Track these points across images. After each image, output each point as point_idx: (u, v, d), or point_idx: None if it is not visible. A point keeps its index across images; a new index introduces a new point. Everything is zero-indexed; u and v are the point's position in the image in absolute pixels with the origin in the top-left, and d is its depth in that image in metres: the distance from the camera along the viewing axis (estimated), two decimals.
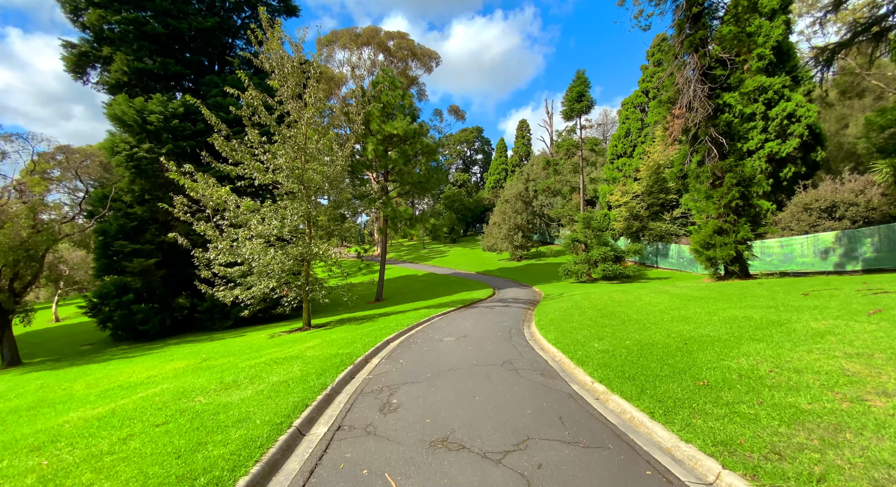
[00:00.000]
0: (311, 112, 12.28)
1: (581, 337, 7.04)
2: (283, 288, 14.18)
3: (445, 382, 5.26)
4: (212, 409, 4.23)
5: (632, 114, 33.30)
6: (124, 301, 19.01)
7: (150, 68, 20.06)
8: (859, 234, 16.29)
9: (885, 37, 14.80)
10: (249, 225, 12.04)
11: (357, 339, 8.12)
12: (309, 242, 13.42)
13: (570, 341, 6.90)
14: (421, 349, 7.38)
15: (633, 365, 5.11)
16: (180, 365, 8.90)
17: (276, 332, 14.76)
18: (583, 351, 6.12)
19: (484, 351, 6.99)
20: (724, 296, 9.16)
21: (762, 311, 6.68)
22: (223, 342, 14.10)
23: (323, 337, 9.63)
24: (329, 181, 14.12)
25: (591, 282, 23.31)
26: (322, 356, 6.63)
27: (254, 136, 12.67)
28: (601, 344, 6.43)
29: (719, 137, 12.37)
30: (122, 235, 19.43)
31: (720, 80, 12.23)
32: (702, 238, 13.63)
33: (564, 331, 7.71)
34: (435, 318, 11.92)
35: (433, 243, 58.11)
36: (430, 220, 24.30)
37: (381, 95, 23.24)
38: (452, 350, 7.15)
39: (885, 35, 14.80)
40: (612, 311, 9.21)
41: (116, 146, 18.61)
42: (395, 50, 46.06)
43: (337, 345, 7.54)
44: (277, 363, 6.22)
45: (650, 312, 8.35)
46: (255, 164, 12.85)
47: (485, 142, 78.36)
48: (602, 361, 5.47)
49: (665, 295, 10.68)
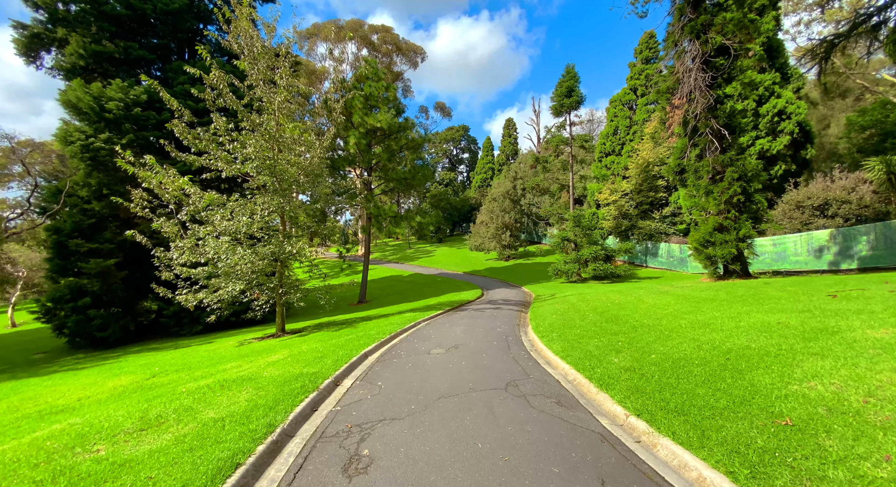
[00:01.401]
0: (284, 96, 11.09)
1: (593, 349, 6.09)
2: (255, 290, 12.96)
3: (435, 418, 4.08)
4: (102, 472, 3.02)
5: (620, 111, 32.90)
6: (80, 305, 17.38)
7: (110, 52, 18.44)
8: (855, 232, 15.95)
9: (881, 29, 14.47)
10: (213, 220, 10.80)
11: (329, 352, 6.98)
12: (282, 240, 12.23)
13: (582, 354, 5.94)
14: (404, 365, 6.29)
15: (673, 389, 4.11)
16: (124, 381, 7.66)
17: (246, 339, 13.51)
18: (602, 369, 5.15)
19: (480, 367, 5.96)
20: (735, 298, 8.42)
21: (797, 316, 5.87)
22: (186, 351, 12.79)
23: (293, 347, 8.47)
24: (305, 173, 12.94)
25: (581, 282, 22.65)
26: (282, 377, 5.46)
27: (220, 123, 11.44)
28: (621, 358, 5.48)
29: (721, 129, 11.72)
30: (77, 233, 17.77)
31: (722, 69, 11.58)
32: (701, 235, 12.98)
33: (570, 340, 6.77)
34: (421, 324, 10.88)
35: (419, 243, 57.02)
36: (417, 218, 23.25)
37: (363, 87, 22.06)
38: (443, 366, 6.08)
39: (881, 28, 14.47)
40: (617, 315, 8.35)
41: (70, 135, 16.97)
42: (380, 44, 44.81)
43: (303, 361, 6.41)
44: (225, 387, 5.06)
45: (660, 316, 7.51)
46: (222, 154, 11.61)
47: (471, 141, 77.62)
48: (631, 383, 4.49)
49: (668, 296, 9.91)
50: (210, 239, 11.15)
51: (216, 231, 10.98)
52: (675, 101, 12.28)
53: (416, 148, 24.14)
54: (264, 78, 11.55)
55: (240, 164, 11.69)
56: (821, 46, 14.65)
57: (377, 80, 22.75)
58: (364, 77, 22.65)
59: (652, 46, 31.89)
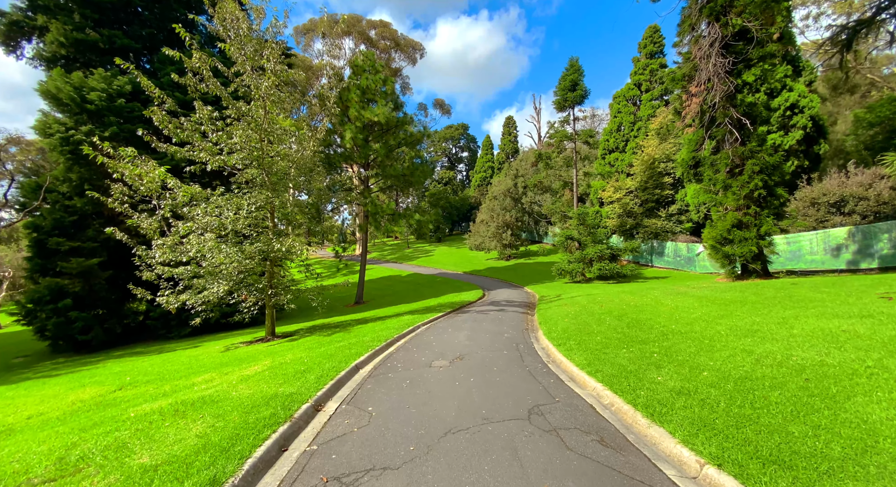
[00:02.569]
0: (272, 81, 10.24)
1: (625, 362, 5.19)
2: (242, 291, 12.12)
3: (441, 467, 3.09)
4: None
5: (624, 107, 32.15)
6: (60, 307, 16.48)
7: (93, 41, 17.54)
8: (875, 230, 15.19)
9: None
10: (193, 216, 9.96)
11: (315, 364, 6.02)
12: (272, 238, 11.38)
13: (613, 368, 5.01)
14: (401, 382, 5.33)
15: (754, 425, 3.14)
16: (87, 395, 6.82)
17: (234, 343, 12.66)
18: (646, 391, 4.19)
19: (492, 384, 5.01)
20: (766, 300, 7.63)
21: (860, 323, 5.05)
22: (168, 356, 11.94)
23: (277, 355, 7.61)
24: (297, 167, 12.10)
25: (585, 282, 21.86)
26: (251, 400, 4.47)
27: (203, 111, 10.59)
28: (664, 375, 4.55)
29: (741, 118, 10.93)
30: (58, 231, 16.88)
31: (743, 54, 10.78)
32: (718, 233, 12.18)
33: (593, 350, 5.90)
34: (420, 328, 10.03)
35: (418, 242, 56.20)
36: (416, 216, 22.40)
37: (360, 79, 21.21)
38: (447, 384, 5.13)
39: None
40: (638, 319, 7.54)
41: (49, 128, 16.08)
42: (377, 39, 43.94)
43: (283, 376, 5.47)
44: (179, 413, 4.14)
45: (689, 320, 6.70)
46: (206, 145, 10.76)
47: (470, 140, 76.77)
48: (691, 414, 3.53)
49: (688, 298, 9.11)
50: (192, 236, 10.32)
51: (197, 227, 10.12)
52: (693, 89, 11.49)
53: (415, 143, 23.30)
54: (252, 63, 10.71)
55: (225, 156, 10.85)
56: (842, 33, 13.88)
57: (374, 73, 21.90)
58: (361, 69, 21.80)
59: (656, 40, 31.14)
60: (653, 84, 30.77)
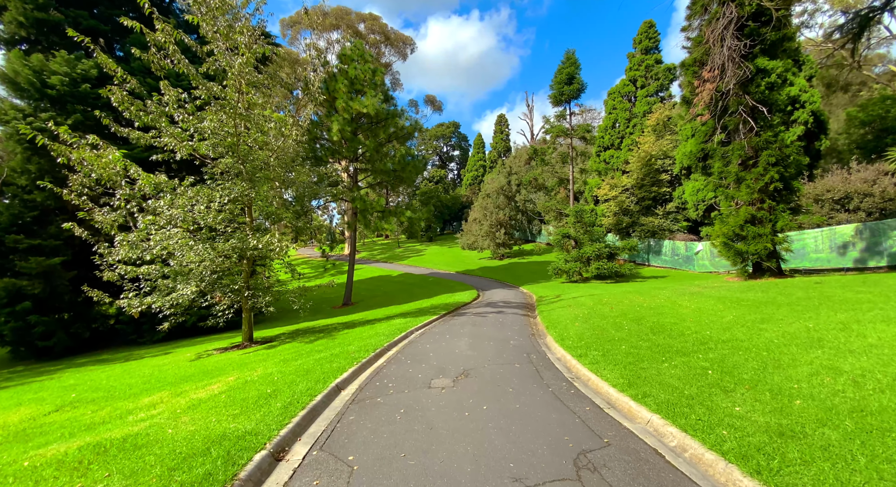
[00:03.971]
0: (247, 57, 9.15)
1: (675, 382, 4.17)
2: (216, 293, 11.00)
3: None
4: None
5: (619, 104, 31.57)
6: (18, 310, 15.11)
7: (56, 21, 16.16)
8: (885, 227, 14.65)
9: None
10: (155, 208, 8.85)
11: (285, 385, 4.89)
12: (248, 235, 10.29)
13: (665, 391, 3.94)
14: (393, 413, 4.17)
15: None
16: (18, 416, 5.71)
17: (207, 350, 11.55)
18: (731, 432, 3.10)
19: (514, 418, 3.85)
20: (800, 301, 6.84)
21: None
22: (131, 366, 10.78)
23: (248, 368, 6.55)
24: (277, 156, 11.02)
25: (583, 282, 21.11)
26: (190, 444, 3.31)
27: (169, 92, 9.47)
28: (742, 404, 3.50)
29: (758, 106, 10.20)
30: (16, 228, 15.49)
31: (761, 36, 10.06)
32: (730, 228, 11.45)
33: (624, 363, 4.94)
34: (414, 333, 9.03)
35: (409, 242, 55.13)
36: (407, 213, 21.38)
37: (349, 69, 20.12)
38: (454, 417, 3.97)
39: None
40: (660, 324, 6.68)
41: (5, 114, 14.69)
42: (367, 33, 42.77)
43: (242, 403, 4.35)
44: (83, 467, 3.01)
45: (722, 325, 5.86)
46: (174, 131, 9.64)
47: (462, 138, 75.85)
48: (823, 476, 2.49)
49: (707, 299, 8.31)
50: (156, 231, 9.20)
51: (163, 221, 9.02)
52: (706, 74, 10.74)
53: (406, 138, 22.26)
54: (226, 41, 9.58)
55: (195, 142, 9.74)
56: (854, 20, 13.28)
57: (363, 63, 20.83)
58: (349, 58, 20.71)
59: (651, 36, 30.64)
60: (648, 80, 30.25)
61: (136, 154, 15.59)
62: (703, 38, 11.13)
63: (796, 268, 17.25)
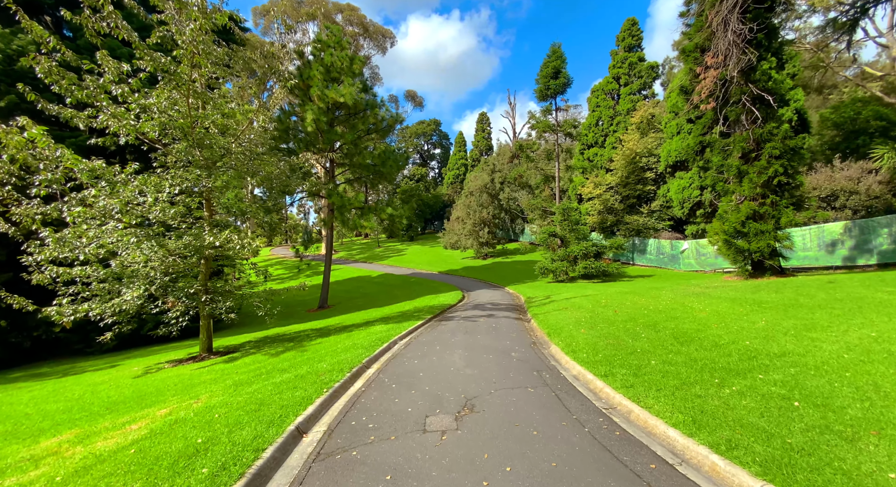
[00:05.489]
0: (201, 22, 7.84)
1: (763, 424, 3.08)
2: (169, 298, 9.61)
3: None
4: None
5: (603, 101, 31.27)
6: None
7: None
8: (874, 224, 14.52)
9: None
10: (85, 199, 7.48)
11: (224, 432, 3.59)
12: (204, 230, 8.97)
13: (764, 442, 2.81)
14: (374, 484, 2.89)
15: None
16: None
17: (160, 362, 10.13)
18: None
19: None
20: (829, 303, 6.17)
21: None
22: (66, 383, 9.27)
23: (191, 394, 5.25)
24: (237, 139, 9.71)
25: (569, 281, 20.48)
26: None
27: (108, 63, 8.08)
28: (880, 464, 2.47)
29: (763, 94, 9.63)
30: None
31: (768, 20, 9.50)
32: (731, 225, 10.88)
33: (667, 388, 3.85)
34: (398, 344, 7.92)
35: (389, 241, 53.74)
36: (388, 210, 20.20)
37: (324, 55, 18.79)
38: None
39: None
40: (682, 331, 5.84)
41: None
42: (344, 24, 41.17)
43: (156, 465, 3.08)
44: None
45: (760, 334, 5.05)
46: (117, 110, 8.23)
47: (443, 137, 74.82)
48: None
49: (718, 301, 7.59)
50: (88, 225, 7.80)
51: (94, 213, 7.64)
52: (709, 60, 10.10)
53: (386, 131, 21.09)
54: (177, 4, 8.23)
55: (142, 123, 8.35)
56: (848, 12, 12.99)
57: (340, 50, 19.53)
58: (325, 44, 19.36)
59: (635, 33, 30.47)
60: (632, 77, 30.06)
61: (81, 142, 13.89)
62: (703, 22, 10.50)
63: (786, 267, 17.09)
